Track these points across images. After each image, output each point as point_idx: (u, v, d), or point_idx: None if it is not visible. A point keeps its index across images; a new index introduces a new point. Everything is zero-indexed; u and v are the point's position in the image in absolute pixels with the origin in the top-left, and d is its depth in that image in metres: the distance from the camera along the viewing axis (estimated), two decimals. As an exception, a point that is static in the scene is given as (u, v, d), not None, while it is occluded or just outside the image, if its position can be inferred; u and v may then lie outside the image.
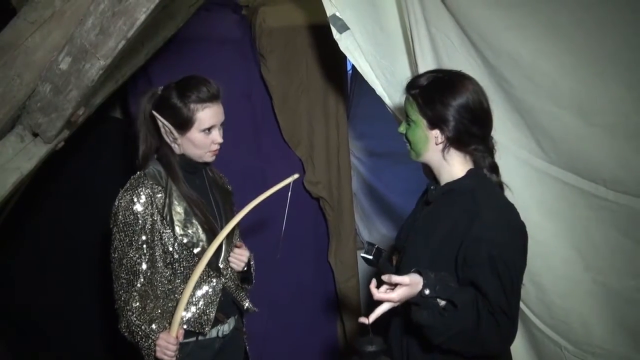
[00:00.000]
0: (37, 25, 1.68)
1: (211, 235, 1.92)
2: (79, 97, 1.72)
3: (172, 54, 2.53)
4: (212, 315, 1.93)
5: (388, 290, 1.46)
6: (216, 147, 1.92)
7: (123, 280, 1.84)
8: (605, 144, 1.67)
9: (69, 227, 2.79)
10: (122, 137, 2.79)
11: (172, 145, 1.90)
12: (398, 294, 1.43)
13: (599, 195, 1.72)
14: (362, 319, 1.45)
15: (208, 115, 1.87)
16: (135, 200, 1.84)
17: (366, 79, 2.14)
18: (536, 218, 1.63)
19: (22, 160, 1.78)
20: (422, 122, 1.63)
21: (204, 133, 1.88)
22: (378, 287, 1.49)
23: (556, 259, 1.84)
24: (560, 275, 1.85)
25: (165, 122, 1.87)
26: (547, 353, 1.95)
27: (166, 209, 1.86)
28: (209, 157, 1.94)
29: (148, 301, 1.85)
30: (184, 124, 1.86)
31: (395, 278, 1.42)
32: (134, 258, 1.84)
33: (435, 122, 1.61)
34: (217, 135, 1.90)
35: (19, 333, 2.79)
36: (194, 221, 1.90)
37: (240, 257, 2.02)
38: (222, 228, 1.95)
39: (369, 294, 1.46)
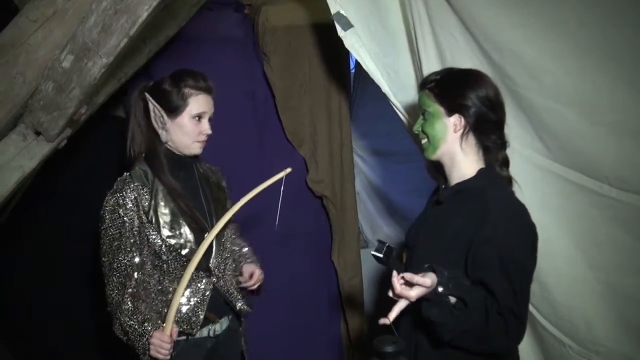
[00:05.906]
0: (40, 23, 1.69)
1: (200, 235, 1.88)
2: (82, 95, 1.72)
3: (175, 52, 2.52)
4: (201, 316, 1.90)
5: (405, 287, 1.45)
6: (204, 137, 1.91)
7: (115, 284, 1.83)
8: (609, 142, 1.66)
9: (72, 227, 2.78)
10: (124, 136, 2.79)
11: (160, 131, 1.88)
12: (416, 293, 1.42)
13: (602, 193, 1.71)
14: (383, 320, 1.44)
15: (200, 102, 1.88)
16: (121, 202, 1.82)
17: (372, 76, 2.13)
18: (539, 216, 1.62)
19: (25, 159, 1.78)
20: (440, 110, 1.64)
21: (194, 120, 1.88)
22: (389, 287, 1.47)
23: (560, 257, 1.83)
24: (564, 274, 1.84)
25: (157, 105, 1.86)
26: (552, 351, 1.94)
27: (151, 211, 1.84)
28: (196, 148, 1.92)
29: (140, 301, 1.83)
30: (175, 107, 1.86)
31: (417, 279, 1.41)
32: (124, 261, 1.82)
33: (454, 108, 1.63)
34: (206, 125, 1.90)
35: (19, 333, 2.78)
36: (181, 221, 1.88)
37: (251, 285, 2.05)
38: (212, 227, 1.91)
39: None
